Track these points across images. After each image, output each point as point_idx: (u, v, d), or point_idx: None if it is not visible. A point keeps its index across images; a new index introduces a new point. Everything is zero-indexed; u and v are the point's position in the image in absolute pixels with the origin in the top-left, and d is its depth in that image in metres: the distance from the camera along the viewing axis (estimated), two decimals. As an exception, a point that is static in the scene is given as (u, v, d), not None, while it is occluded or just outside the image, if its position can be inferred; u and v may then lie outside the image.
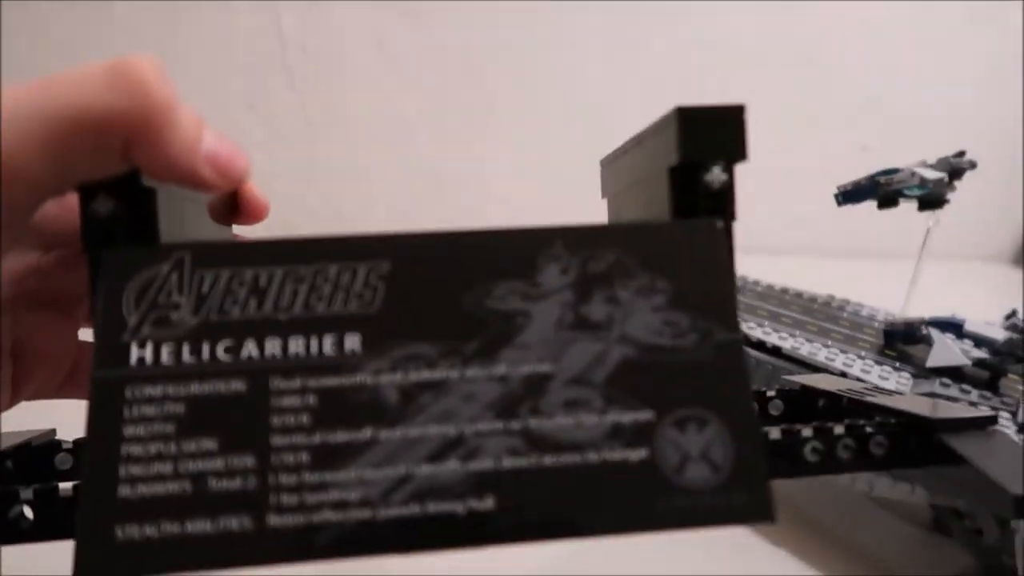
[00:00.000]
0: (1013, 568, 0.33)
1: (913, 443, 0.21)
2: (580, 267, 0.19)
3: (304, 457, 0.17)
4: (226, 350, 0.18)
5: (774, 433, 0.21)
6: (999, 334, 0.46)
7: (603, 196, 0.29)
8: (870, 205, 0.52)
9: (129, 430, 0.17)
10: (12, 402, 0.22)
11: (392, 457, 0.17)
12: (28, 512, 0.19)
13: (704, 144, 0.20)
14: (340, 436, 0.17)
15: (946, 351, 0.44)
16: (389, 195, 1.06)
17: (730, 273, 0.19)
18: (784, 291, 0.57)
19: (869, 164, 0.53)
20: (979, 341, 0.47)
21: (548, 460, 0.17)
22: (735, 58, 1.08)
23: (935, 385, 0.42)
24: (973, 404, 0.39)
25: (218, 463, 0.17)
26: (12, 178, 0.17)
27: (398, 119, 1.04)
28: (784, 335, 0.48)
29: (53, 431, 0.27)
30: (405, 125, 1.05)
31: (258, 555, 0.16)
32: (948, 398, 0.39)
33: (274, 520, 0.17)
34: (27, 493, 0.19)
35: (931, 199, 0.53)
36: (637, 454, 0.18)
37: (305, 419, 0.17)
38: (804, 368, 0.45)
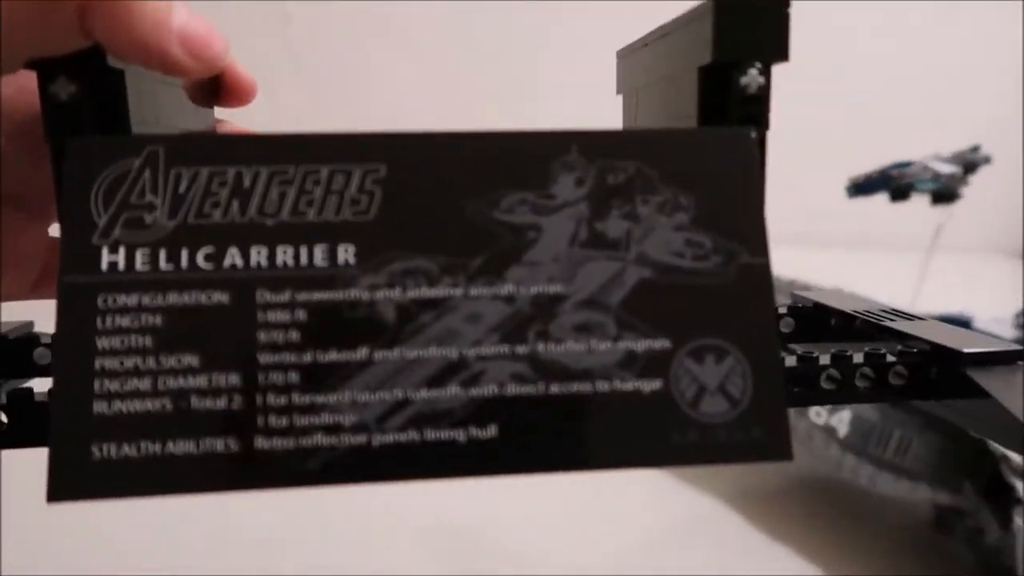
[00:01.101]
0: (1014, 568, 0.33)
1: (935, 374, 0.20)
2: (597, 178, 0.17)
3: (293, 377, 0.16)
4: (207, 257, 0.16)
5: (790, 360, 0.20)
6: (1008, 332, 0.45)
7: (618, 92, 0.27)
8: (880, 197, 0.51)
9: (103, 342, 0.16)
10: None
11: (389, 380, 0.16)
12: (3, 417, 0.18)
13: (741, 41, 0.18)
14: (332, 355, 0.16)
15: None
16: None
17: (761, 190, 0.18)
18: (791, 283, 0.56)
19: (882, 158, 0.51)
20: None
21: (556, 388, 0.16)
22: None
23: None
24: None
25: (201, 380, 0.16)
26: None
27: (403, 98, 1.01)
28: None
29: (31, 323, 0.26)
30: (410, 104, 1.01)
31: (244, 479, 0.15)
32: None
33: (261, 442, 0.15)
34: (1, 398, 0.18)
35: (944, 193, 0.51)
36: (651, 385, 0.16)
37: (295, 336, 0.16)
38: None
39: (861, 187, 0.53)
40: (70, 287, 0.16)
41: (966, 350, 0.20)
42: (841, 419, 0.43)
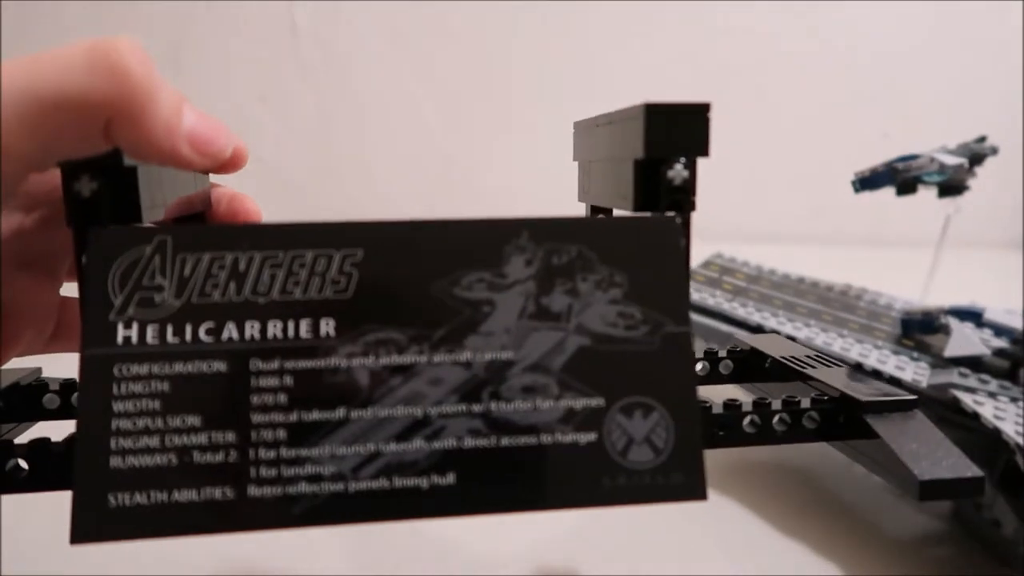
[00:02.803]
0: None
1: (842, 419, 0.23)
2: (544, 259, 0.20)
3: (281, 433, 0.19)
4: (208, 332, 0.19)
5: (717, 408, 0.23)
6: (1020, 323, 0.44)
7: (574, 159, 0.30)
8: (889, 192, 0.51)
9: (118, 406, 0.18)
10: (1, 361, 0.24)
11: (363, 435, 0.19)
12: (23, 464, 0.21)
13: (668, 141, 0.21)
14: (315, 415, 0.19)
15: (965, 341, 0.43)
16: (401, 183, 1.06)
17: (684, 268, 0.21)
18: (800, 280, 0.56)
19: (891, 152, 0.52)
20: (999, 330, 0.45)
21: (506, 441, 0.19)
22: (753, 51, 1.07)
23: (953, 375, 0.41)
24: (992, 395, 0.39)
25: (202, 438, 0.18)
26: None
27: (410, 108, 1.03)
28: (799, 325, 0.48)
29: (39, 369, 0.28)
30: (417, 114, 1.03)
31: (239, 522, 0.18)
32: (967, 388, 0.39)
33: (253, 491, 0.18)
34: (22, 448, 0.21)
35: (951, 185, 0.51)
36: (587, 437, 0.19)
37: (283, 398, 0.19)
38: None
39: (867, 181, 0.53)
40: (91, 358, 0.18)
41: (864, 399, 0.23)
42: None
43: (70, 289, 0.25)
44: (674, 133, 0.21)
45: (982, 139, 0.53)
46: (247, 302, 0.19)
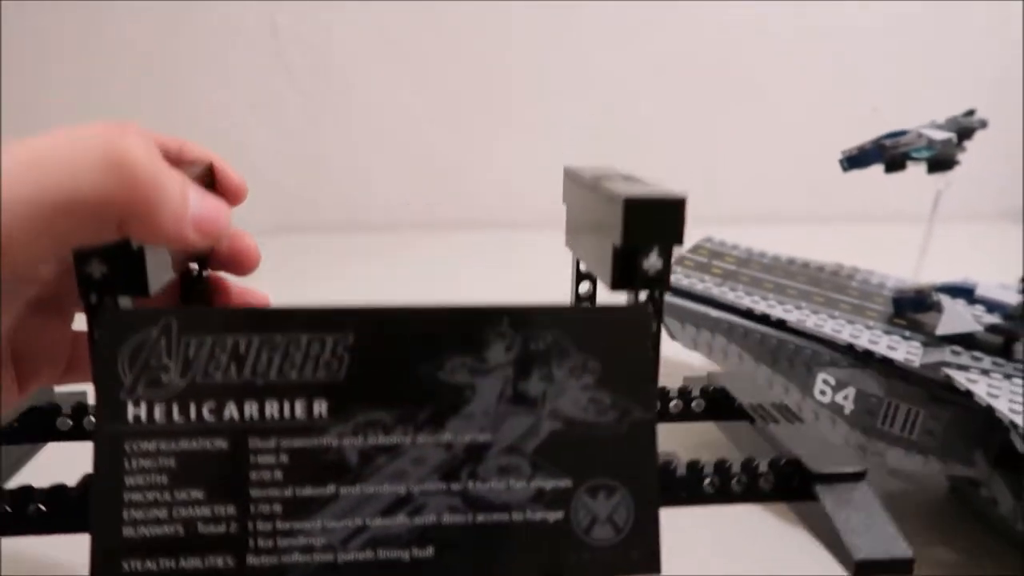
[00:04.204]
0: None
1: (795, 483, 0.25)
2: (522, 345, 0.22)
3: (277, 507, 0.20)
4: (210, 411, 0.21)
5: (681, 470, 0.25)
6: (1013, 298, 0.44)
7: (563, 202, 0.31)
8: (879, 169, 0.51)
9: (129, 480, 0.20)
10: (19, 399, 0.25)
11: (351, 510, 0.21)
12: (43, 507, 0.23)
13: (645, 232, 0.22)
14: (308, 491, 0.21)
15: (956, 318, 0.42)
16: (393, 187, 1.05)
17: (653, 358, 0.22)
18: (791, 261, 0.56)
19: (882, 127, 0.51)
20: (992, 306, 0.45)
21: (481, 517, 0.21)
22: (744, 31, 1.04)
23: (946, 353, 0.41)
24: (985, 372, 0.39)
25: (205, 510, 0.20)
26: (12, 258, 0.19)
27: (400, 110, 1.01)
28: (789, 307, 0.48)
29: (51, 391, 0.30)
30: (408, 116, 1.01)
31: None
32: (959, 366, 0.39)
33: (252, 560, 0.20)
34: (41, 493, 0.23)
35: (940, 161, 0.50)
36: (554, 515, 0.21)
37: (279, 475, 0.21)
38: (811, 341, 0.44)
39: (855, 160, 0.52)
40: (105, 435, 0.20)
41: (815, 470, 0.25)
42: (846, 396, 0.42)
43: (79, 322, 0.26)
44: (651, 225, 0.22)
45: (970, 112, 0.52)
46: (246, 383, 0.21)
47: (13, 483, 0.24)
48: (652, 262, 0.22)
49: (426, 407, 0.21)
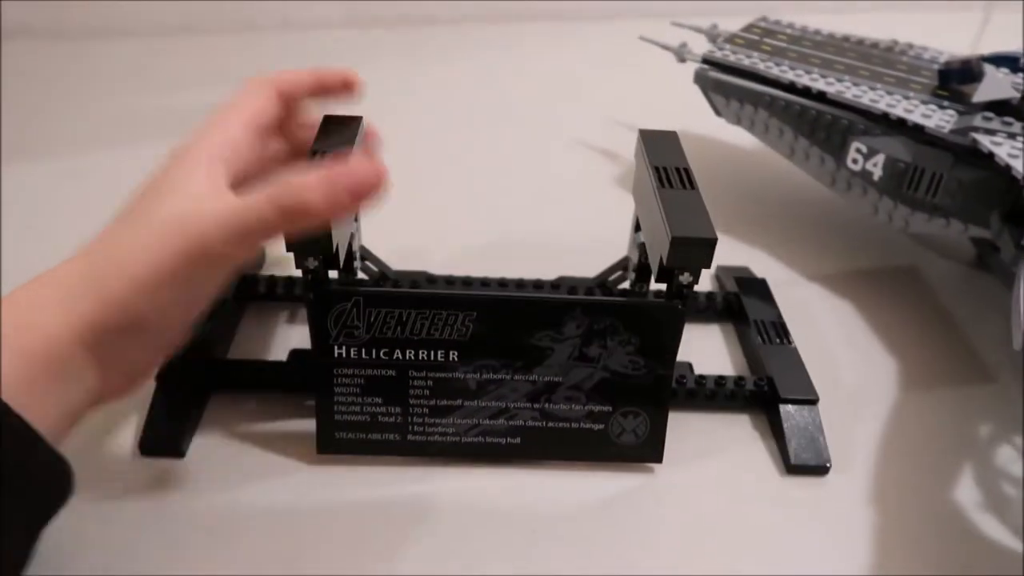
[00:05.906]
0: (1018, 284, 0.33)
1: (768, 399, 0.37)
2: (588, 325, 0.32)
3: (426, 410, 0.33)
4: (384, 354, 0.32)
5: (690, 384, 0.37)
6: None
7: (635, 158, 0.38)
8: None
9: (337, 391, 0.33)
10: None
11: (471, 414, 0.33)
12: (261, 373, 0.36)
13: (685, 260, 0.31)
14: (444, 402, 0.33)
15: (994, 84, 0.42)
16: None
17: (677, 335, 0.32)
18: (845, 38, 0.54)
19: None
20: None
21: (551, 424, 0.33)
22: None
23: (977, 119, 0.40)
24: (1012, 136, 0.39)
25: (382, 409, 0.33)
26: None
27: (408, 94, 0.83)
28: (831, 80, 0.47)
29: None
30: (414, 98, 0.83)
31: (402, 452, 0.34)
32: (987, 131, 0.39)
33: (410, 437, 0.33)
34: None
35: None
36: (598, 426, 0.34)
37: (427, 392, 0.33)
38: (848, 112, 0.45)
39: None
40: (321, 366, 0.32)
41: (782, 395, 0.36)
42: (875, 163, 0.43)
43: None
44: (689, 256, 0.31)
45: None
46: (407, 338, 0.32)
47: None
48: (686, 278, 0.31)
49: (520, 359, 0.33)
